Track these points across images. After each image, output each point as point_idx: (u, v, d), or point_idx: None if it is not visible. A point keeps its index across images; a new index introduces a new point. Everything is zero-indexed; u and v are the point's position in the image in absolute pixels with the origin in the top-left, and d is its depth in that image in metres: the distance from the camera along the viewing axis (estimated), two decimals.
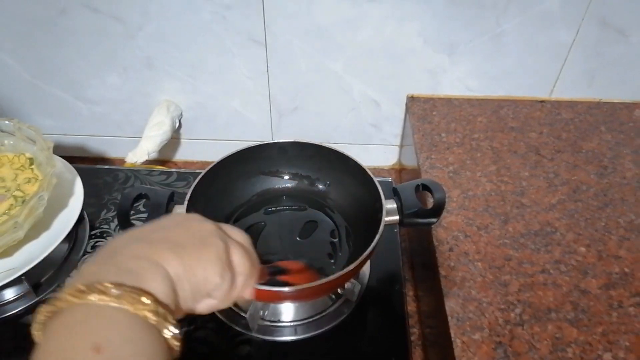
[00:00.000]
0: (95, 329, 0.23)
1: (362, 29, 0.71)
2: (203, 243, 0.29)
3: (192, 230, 0.30)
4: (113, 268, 0.25)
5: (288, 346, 0.56)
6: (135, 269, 0.25)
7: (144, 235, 0.29)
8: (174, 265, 0.27)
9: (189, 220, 0.31)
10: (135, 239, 0.28)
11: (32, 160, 0.66)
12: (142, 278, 0.25)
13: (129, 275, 0.25)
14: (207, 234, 0.30)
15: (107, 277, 0.24)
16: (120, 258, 0.26)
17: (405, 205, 0.52)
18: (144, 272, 0.25)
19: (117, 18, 0.71)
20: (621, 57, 0.72)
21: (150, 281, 0.25)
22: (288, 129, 0.84)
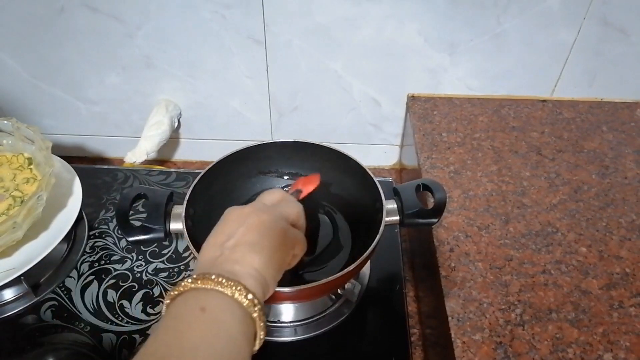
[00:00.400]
0: (203, 298, 0.31)
1: (362, 28, 0.71)
2: (268, 231, 0.37)
3: (253, 227, 0.37)
4: (216, 271, 0.33)
5: (288, 346, 0.56)
6: (234, 272, 0.34)
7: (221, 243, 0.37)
8: (258, 261, 0.35)
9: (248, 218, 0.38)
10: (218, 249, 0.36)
11: (30, 160, 0.65)
12: (239, 276, 0.34)
13: (230, 275, 0.33)
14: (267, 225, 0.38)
15: (219, 272, 0.33)
16: (217, 266, 0.35)
17: (406, 206, 0.52)
18: (240, 275, 0.34)
19: (116, 17, 0.71)
20: (622, 56, 0.72)
21: (244, 277, 0.34)
22: (288, 129, 0.84)
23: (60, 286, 0.61)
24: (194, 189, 0.54)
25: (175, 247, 0.67)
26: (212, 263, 0.35)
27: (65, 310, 0.58)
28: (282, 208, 0.42)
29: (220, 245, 0.36)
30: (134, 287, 0.61)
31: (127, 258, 0.65)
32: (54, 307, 0.59)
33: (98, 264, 0.64)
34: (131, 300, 0.60)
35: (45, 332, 0.56)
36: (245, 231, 0.37)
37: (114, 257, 0.65)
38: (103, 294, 0.60)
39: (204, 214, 0.56)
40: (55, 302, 0.59)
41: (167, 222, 0.50)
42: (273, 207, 0.41)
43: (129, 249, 0.66)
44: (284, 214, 0.41)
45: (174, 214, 0.51)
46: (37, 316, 0.58)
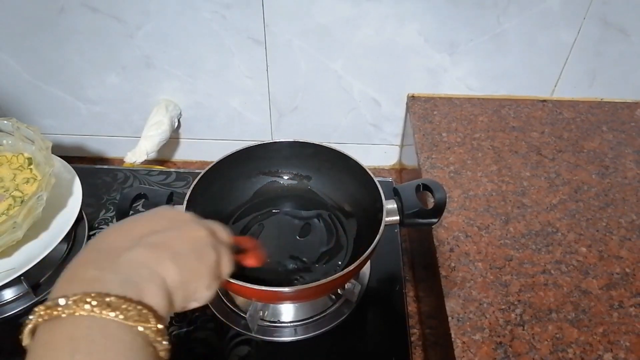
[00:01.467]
0: (102, 348, 0.23)
1: (362, 28, 0.71)
2: (199, 255, 0.30)
3: (189, 237, 0.30)
4: (115, 277, 0.25)
5: (288, 346, 0.56)
6: (137, 279, 0.26)
7: (143, 234, 0.29)
8: (173, 276, 0.28)
9: (185, 225, 0.31)
10: (132, 239, 0.28)
11: (30, 160, 0.65)
12: (144, 290, 0.26)
13: (131, 286, 0.25)
14: (203, 244, 0.31)
15: (111, 286, 0.24)
16: (121, 264, 0.26)
17: (406, 206, 0.52)
18: (145, 284, 0.26)
19: (116, 17, 0.71)
20: (623, 56, 0.72)
21: (150, 294, 0.26)
22: (288, 129, 0.84)
23: None
24: (194, 189, 0.54)
25: None
26: (115, 257, 0.27)
27: None
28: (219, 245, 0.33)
29: (137, 237, 0.28)
30: None
31: None
32: None
33: None
34: None
35: None
36: (175, 237, 0.29)
37: None
38: None
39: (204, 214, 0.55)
40: None
41: None
42: (211, 229, 0.34)
43: None
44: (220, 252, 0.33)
45: None
46: None
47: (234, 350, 0.55)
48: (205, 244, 0.31)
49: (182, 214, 0.33)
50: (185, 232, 0.30)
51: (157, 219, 0.31)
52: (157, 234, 0.29)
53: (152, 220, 0.31)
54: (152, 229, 0.30)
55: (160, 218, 0.31)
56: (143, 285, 0.26)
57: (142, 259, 0.27)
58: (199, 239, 0.31)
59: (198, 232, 0.31)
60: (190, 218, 0.32)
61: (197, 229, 0.31)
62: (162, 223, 0.30)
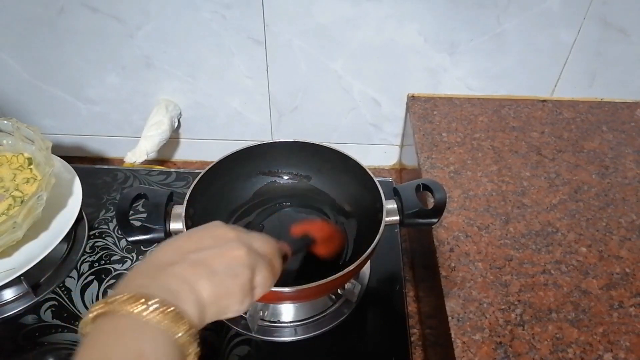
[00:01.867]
0: (141, 340, 0.27)
1: (362, 28, 0.71)
2: (234, 274, 0.33)
3: (228, 256, 0.33)
4: (160, 286, 0.30)
5: (288, 346, 0.56)
6: (176, 290, 0.30)
7: (189, 251, 0.33)
8: (207, 292, 0.31)
9: (227, 243, 0.34)
10: (180, 255, 0.33)
11: (30, 160, 0.65)
12: (181, 300, 0.30)
13: (171, 294, 0.29)
14: (239, 264, 0.34)
15: (155, 294, 0.29)
16: (167, 276, 0.31)
17: (406, 206, 0.52)
18: (183, 295, 0.30)
19: (116, 17, 0.71)
20: (622, 56, 0.72)
21: (186, 304, 0.30)
22: (288, 129, 0.84)
23: (60, 286, 0.61)
24: (194, 189, 0.54)
25: None
26: (163, 269, 0.31)
27: (65, 310, 0.58)
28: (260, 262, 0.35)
29: (185, 252, 0.33)
30: None
31: (127, 258, 0.65)
32: (54, 307, 0.59)
33: (98, 264, 0.64)
34: None
35: (45, 332, 0.56)
36: (216, 255, 0.33)
37: (114, 257, 0.65)
38: (103, 294, 0.60)
39: (204, 214, 0.56)
40: (55, 302, 0.59)
41: (167, 222, 0.50)
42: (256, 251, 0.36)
43: (129, 249, 0.66)
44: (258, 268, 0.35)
45: (174, 214, 0.51)
46: (37, 316, 0.58)
47: (234, 350, 0.55)
48: (242, 263, 0.34)
49: (229, 231, 0.35)
50: (225, 251, 0.34)
51: (206, 236, 0.35)
52: (201, 251, 0.33)
53: (202, 237, 0.35)
54: (198, 246, 0.33)
55: (209, 236, 0.35)
56: (181, 296, 0.30)
57: (184, 275, 0.31)
58: (236, 258, 0.34)
59: (237, 252, 0.34)
60: (234, 236, 0.35)
61: (237, 248, 0.34)
62: (209, 241, 0.34)
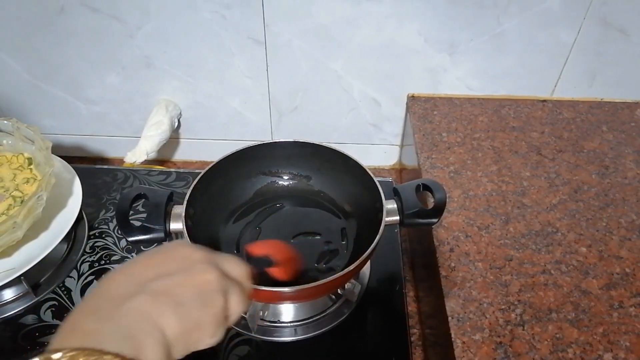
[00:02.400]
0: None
1: (362, 28, 0.71)
2: (204, 303, 0.29)
3: (196, 282, 0.29)
4: (114, 330, 0.26)
5: (288, 346, 0.56)
6: (135, 333, 0.26)
7: (149, 279, 0.29)
8: (173, 328, 0.27)
9: (194, 266, 0.30)
10: (138, 285, 0.28)
11: (30, 160, 0.65)
12: (141, 345, 0.26)
13: (129, 341, 0.25)
14: (210, 290, 0.30)
15: (108, 342, 0.25)
16: (122, 315, 0.26)
17: (406, 206, 0.52)
18: (144, 338, 0.26)
19: (116, 17, 0.71)
20: (622, 56, 0.72)
21: (148, 350, 0.26)
22: (288, 129, 0.84)
23: (60, 286, 0.61)
24: (194, 189, 0.54)
25: None
26: (117, 305, 0.27)
27: (65, 310, 0.58)
28: (231, 285, 0.32)
29: (144, 281, 0.28)
30: None
31: (127, 258, 0.65)
32: (54, 307, 0.59)
33: (98, 264, 0.64)
34: None
35: (45, 332, 0.56)
36: (182, 281, 0.29)
37: (114, 257, 0.65)
38: None
39: (204, 214, 0.56)
40: (55, 302, 0.59)
41: (167, 222, 0.50)
42: (227, 274, 0.32)
43: (129, 249, 0.66)
44: (231, 292, 0.31)
45: (174, 214, 0.51)
46: (37, 316, 0.58)
47: (234, 350, 0.55)
48: (213, 289, 0.30)
49: (195, 252, 0.31)
50: (193, 276, 0.29)
51: (168, 259, 0.30)
52: (163, 279, 0.29)
53: (163, 260, 0.30)
54: (159, 273, 0.29)
55: (171, 258, 0.30)
56: (141, 339, 0.26)
57: (143, 309, 0.27)
58: (207, 283, 0.30)
59: (207, 276, 0.30)
60: (202, 258, 0.31)
61: (206, 272, 0.30)
62: (171, 265, 0.30)
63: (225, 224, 0.61)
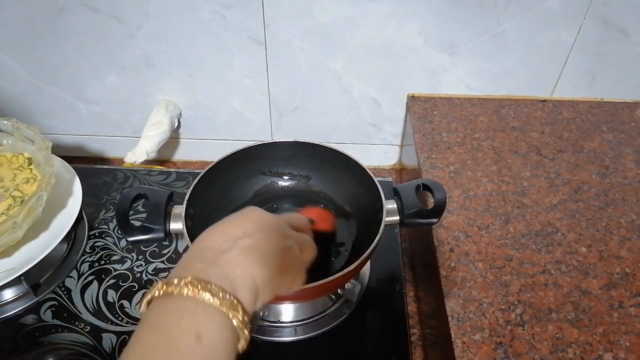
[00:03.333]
0: (200, 321, 0.28)
1: (362, 28, 0.71)
2: (284, 254, 0.35)
3: (274, 238, 0.35)
4: (216, 271, 0.31)
5: (288, 346, 0.55)
6: (232, 277, 0.31)
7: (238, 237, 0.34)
8: (261, 276, 0.33)
9: (269, 225, 0.36)
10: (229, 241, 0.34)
11: (30, 160, 0.65)
12: (236, 287, 0.31)
13: (228, 281, 0.31)
14: (286, 243, 0.36)
15: (213, 278, 0.30)
16: (221, 263, 0.32)
17: (406, 206, 0.51)
18: (238, 282, 0.31)
19: (116, 17, 0.71)
20: (623, 56, 0.72)
21: (241, 290, 0.31)
22: (288, 129, 0.84)
23: (60, 286, 0.61)
24: (194, 189, 0.54)
25: (175, 247, 0.66)
26: (217, 256, 0.32)
27: (65, 310, 0.58)
28: (300, 236, 0.39)
29: (234, 239, 0.34)
30: (134, 287, 0.61)
31: (127, 258, 0.65)
32: (54, 307, 0.59)
33: (98, 264, 0.64)
34: (131, 300, 0.60)
35: (45, 332, 0.56)
36: (264, 239, 0.34)
37: (114, 257, 0.65)
38: (103, 294, 0.60)
39: (204, 214, 0.56)
40: (55, 302, 0.59)
41: (167, 222, 0.50)
42: (295, 229, 0.39)
43: (129, 249, 0.66)
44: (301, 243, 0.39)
45: (174, 214, 0.51)
46: (37, 316, 0.58)
47: None
48: (288, 243, 0.36)
49: (267, 216, 0.37)
50: (271, 234, 0.35)
51: (248, 222, 0.36)
52: (250, 237, 0.34)
53: (244, 222, 0.36)
54: (244, 232, 0.34)
55: (249, 222, 0.36)
56: (236, 282, 0.31)
57: (237, 260, 0.32)
58: (283, 238, 0.36)
59: (282, 233, 0.36)
60: (274, 220, 0.37)
61: (281, 229, 0.36)
62: (251, 227, 0.35)
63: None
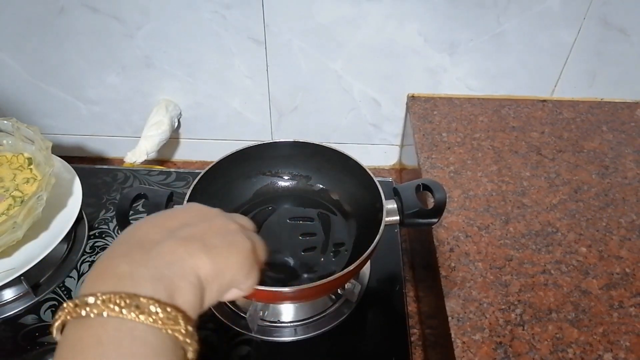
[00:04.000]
0: (127, 348, 0.22)
1: (362, 28, 0.71)
2: (231, 243, 0.29)
3: (220, 228, 0.30)
4: (147, 272, 0.25)
5: (288, 346, 0.55)
6: (169, 274, 0.25)
7: (174, 227, 0.28)
8: (206, 268, 0.27)
9: (215, 217, 0.31)
10: (166, 232, 0.28)
11: (30, 160, 0.65)
12: (175, 287, 0.25)
13: (162, 283, 0.25)
14: (233, 232, 0.30)
15: (142, 285, 0.24)
16: (153, 257, 0.26)
17: (406, 206, 0.52)
18: (177, 280, 0.25)
19: (116, 17, 0.71)
20: (623, 56, 0.72)
21: (182, 292, 0.25)
22: (288, 129, 0.84)
23: (60, 286, 0.61)
24: (194, 189, 0.54)
25: None
26: (148, 249, 0.26)
27: None
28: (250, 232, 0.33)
29: (169, 230, 0.28)
30: None
31: None
32: (54, 307, 0.59)
33: None
34: None
35: (45, 332, 0.56)
36: (207, 228, 0.29)
37: None
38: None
39: None
40: (55, 302, 0.59)
41: None
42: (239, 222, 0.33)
43: None
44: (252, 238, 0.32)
45: None
46: (37, 316, 0.58)
47: (234, 350, 0.54)
48: (237, 233, 0.30)
49: (211, 209, 0.32)
50: (215, 224, 0.30)
51: (188, 213, 0.31)
52: (189, 226, 0.29)
53: (184, 213, 0.30)
54: (183, 222, 0.29)
55: (191, 212, 0.31)
56: (175, 281, 0.25)
57: (174, 252, 0.26)
58: (230, 229, 0.30)
59: (229, 225, 0.31)
60: (218, 212, 0.32)
61: (227, 222, 0.31)
62: (192, 217, 0.30)
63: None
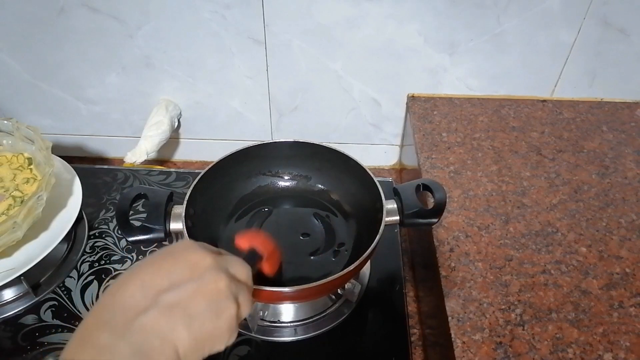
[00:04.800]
0: None
1: (362, 28, 0.71)
2: (217, 312, 0.30)
3: (208, 291, 0.30)
4: (126, 346, 0.26)
5: (288, 346, 0.56)
6: (147, 349, 0.26)
7: (160, 290, 0.29)
8: (185, 342, 0.28)
9: (206, 274, 0.31)
10: (150, 297, 0.28)
11: (30, 160, 0.65)
12: None
13: (141, 357, 0.26)
14: (222, 298, 0.30)
15: (120, 358, 0.25)
16: (134, 330, 0.27)
17: (406, 206, 0.52)
18: (155, 355, 0.27)
19: (116, 17, 0.71)
20: (623, 56, 0.72)
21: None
22: (288, 129, 0.84)
23: (60, 286, 0.61)
24: (194, 189, 0.54)
25: None
26: (131, 319, 0.27)
27: (65, 310, 0.58)
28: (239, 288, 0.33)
29: (156, 292, 0.28)
30: None
31: (127, 258, 0.65)
32: (54, 307, 0.59)
33: (98, 264, 0.64)
34: None
35: (45, 332, 0.56)
36: (194, 293, 0.29)
37: (114, 257, 0.65)
38: None
39: (204, 214, 0.56)
40: (55, 302, 0.59)
41: (167, 222, 0.50)
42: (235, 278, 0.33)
43: (129, 249, 0.66)
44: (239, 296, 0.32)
45: (174, 214, 0.51)
46: (37, 316, 0.58)
47: (234, 350, 0.55)
48: (225, 296, 0.30)
49: (204, 258, 0.31)
50: (204, 285, 0.30)
51: (178, 265, 0.30)
52: (175, 289, 0.29)
53: (173, 266, 0.30)
54: (170, 282, 0.29)
55: (181, 264, 0.30)
56: (153, 357, 0.26)
57: (156, 325, 0.27)
58: (218, 292, 0.30)
59: (218, 284, 0.30)
60: (211, 264, 0.31)
61: (217, 280, 0.30)
62: (182, 273, 0.30)
63: (225, 224, 0.61)
